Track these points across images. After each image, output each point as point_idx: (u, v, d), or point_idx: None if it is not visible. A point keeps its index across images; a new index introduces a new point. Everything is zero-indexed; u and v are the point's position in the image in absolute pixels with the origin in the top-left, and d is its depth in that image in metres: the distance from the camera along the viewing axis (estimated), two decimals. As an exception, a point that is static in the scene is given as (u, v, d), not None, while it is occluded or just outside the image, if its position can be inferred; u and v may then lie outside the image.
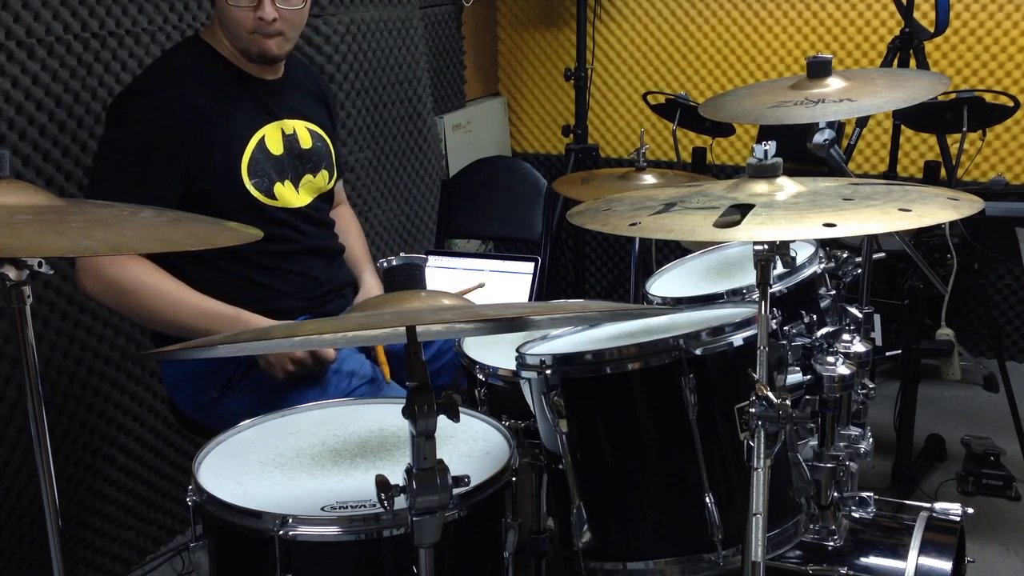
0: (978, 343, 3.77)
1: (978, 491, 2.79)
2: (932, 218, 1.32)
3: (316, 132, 2.15)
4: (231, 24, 1.94)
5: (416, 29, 3.47)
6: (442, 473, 1.19)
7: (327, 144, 2.17)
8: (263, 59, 1.99)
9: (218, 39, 2.00)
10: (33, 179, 2.16)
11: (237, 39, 1.96)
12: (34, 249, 1.19)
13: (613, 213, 1.51)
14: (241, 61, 2.01)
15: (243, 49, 1.97)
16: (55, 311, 2.25)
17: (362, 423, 1.63)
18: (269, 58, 1.99)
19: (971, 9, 3.51)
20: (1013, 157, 3.60)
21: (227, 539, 1.38)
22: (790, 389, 1.49)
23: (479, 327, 1.49)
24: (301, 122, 2.11)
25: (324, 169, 2.14)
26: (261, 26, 1.92)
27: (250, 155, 1.98)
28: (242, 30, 1.93)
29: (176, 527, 2.69)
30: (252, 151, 1.98)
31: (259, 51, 1.96)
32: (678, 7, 3.94)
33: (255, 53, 1.97)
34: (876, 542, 1.73)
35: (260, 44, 1.95)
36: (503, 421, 1.67)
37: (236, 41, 1.96)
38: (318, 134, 2.15)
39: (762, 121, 1.94)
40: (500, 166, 3.30)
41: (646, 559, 1.57)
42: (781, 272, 1.80)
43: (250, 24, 1.92)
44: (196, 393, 2.03)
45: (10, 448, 2.16)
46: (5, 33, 2.08)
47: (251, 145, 1.99)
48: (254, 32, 1.93)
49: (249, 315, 1.91)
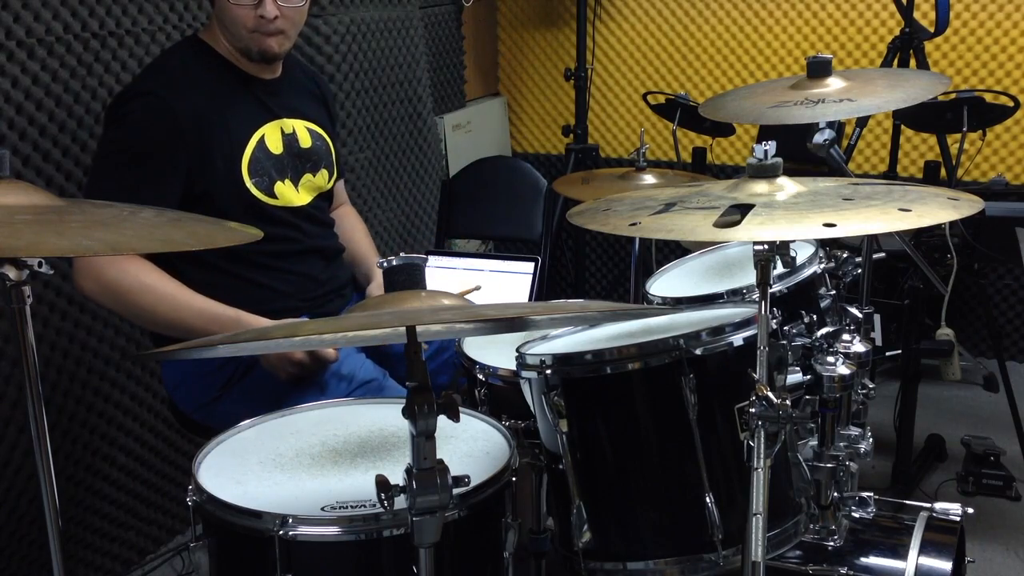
0: (978, 343, 3.77)
1: (978, 491, 2.79)
2: (932, 218, 1.32)
3: (315, 131, 2.15)
4: (231, 23, 1.93)
5: (416, 29, 3.47)
6: (442, 473, 1.19)
7: (327, 143, 2.17)
8: (264, 58, 1.98)
9: (217, 39, 2.00)
10: (33, 179, 2.16)
11: (237, 38, 1.96)
12: (34, 249, 1.19)
13: (613, 213, 1.51)
14: (240, 61, 2.00)
15: (243, 48, 1.97)
16: (55, 311, 2.25)
17: (362, 423, 1.63)
18: (270, 56, 1.98)
19: (971, 9, 3.51)
20: (1013, 157, 3.60)
21: (227, 539, 1.38)
22: (790, 389, 1.49)
23: (479, 327, 1.49)
24: (300, 121, 2.11)
25: (324, 168, 2.15)
26: (262, 24, 1.92)
27: (250, 154, 1.98)
28: (243, 28, 1.93)
29: (176, 527, 2.69)
30: (252, 150, 1.98)
31: (260, 49, 1.96)
32: (678, 7, 3.94)
33: (256, 52, 1.97)
34: (876, 542, 1.73)
35: (261, 42, 1.95)
36: (503, 421, 1.66)
37: (236, 40, 1.96)
38: (317, 133, 2.15)
39: (762, 121, 1.94)
40: (500, 166, 3.30)
41: (646, 559, 1.57)
42: (781, 272, 1.80)
43: (251, 22, 1.92)
44: (196, 393, 2.03)
45: (10, 448, 2.16)
46: (5, 33, 2.08)
47: (251, 144, 1.99)
48: (255, 31, 1.93)
49: (249, 316, 1.90)
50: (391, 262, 1.32)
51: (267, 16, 1.91)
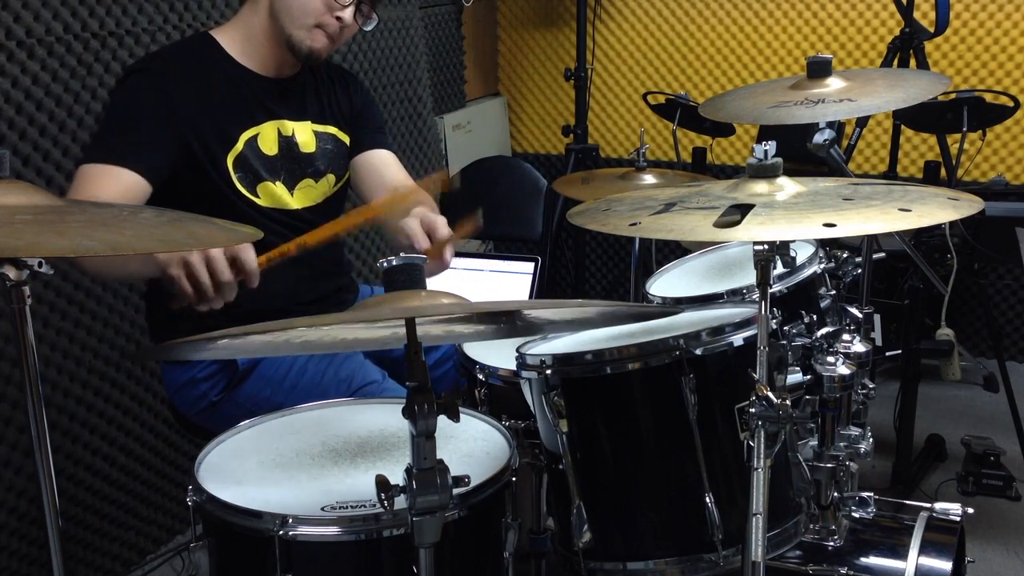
0: (978, 343, 3.77)
1: (978, 491, 2.79)
2: (932, 218, 1.32)
3: (326, 133, 2.09)
4: (299, 8, 1.89)
5: (416, 29, 3.47)
6: (442, 473, 1.19)
7: (340, 144, 2.12)
8: (309, 57, 1.94)
9: (230, 36, 1.97)
10: (33, 179, 2.16)
11: (295, 25, 1.90)
12: (34, 249, 1.19)
13: (613, 213, 1.51)
14: (251, 59, 1.97)
15: (294, 39, 1.91)
16: (55, 311, 2.25)
17: (362, 423, 1.63)
18: (315, 57, 1.94)
19: (971, 9, 3.51)
20: (1013, 157, 3.60)
21: (227, 539, 1.38)
22: (790, 389, 1.49)
23: (480, 332, 1.48)
24: (306, 124, 2.06)
25: (330, 173, 2.09)
26: (330, 24, 1.89)
27: (239, 151, 1.94)
28: (308, 18, 1.89)
29: (176, 527, 2.69)
30: (242, 148, 1.95)
31: (311, 47, 1.91)
32: (678, 7, 3.94)
33: (306, 48, 1.92)
34: (876, 542, 1.73)
35: (317, 39, 1.91)
36: (503, 421, 1.66)
37: (292, 26, 1.90)
38: (328, 135, 2.09)
39: (762, 121, 1.94)
40: (500, 166, 3.30)
41: (646, 559, 1.57)
42: (781, 272, 1.80)
43: (320, 18, 1.89)
44: (197, 396, 2.03)
45: (10, 448, 2.16)
46: (5, 33, 2.08)
47: (241, 141, 1.95)
48: (318, 26, 1.90)
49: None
50: (391, 262, 1.32)
51: (345, 21, 1.89)
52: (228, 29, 2.00)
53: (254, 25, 1.96)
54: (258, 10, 1.96)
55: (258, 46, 1.97)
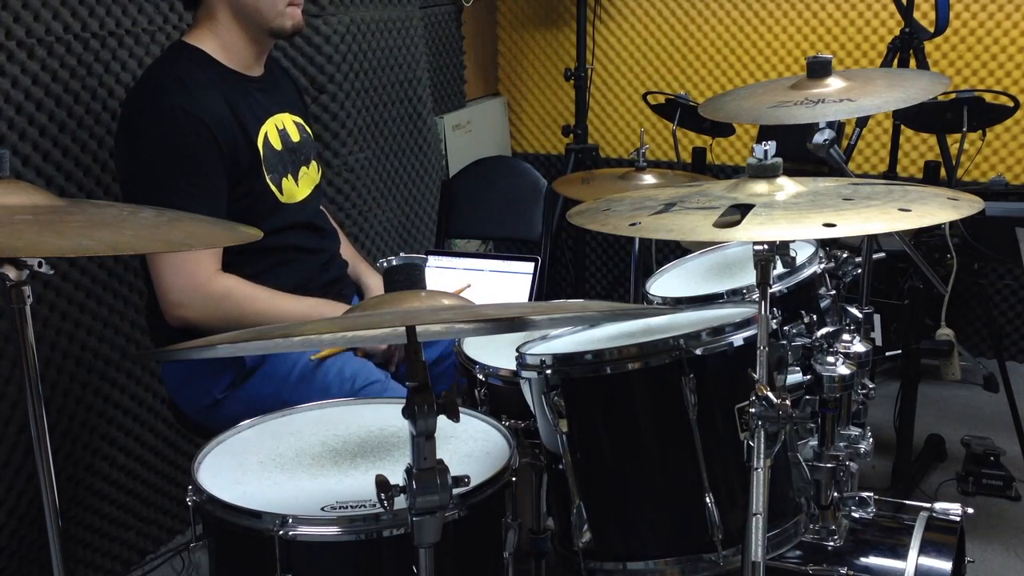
0: (978, 343, 3.77)
1: (978, 491, 2.79)
2: (932, 218, 1.32)
3: (300, 124, 2.15)
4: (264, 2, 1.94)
5: (416, 29, 3.47)
6: (442, 473, 1.19)
7: (310, 136, 2.19)
8: (295, 32, 2.01)
9: (205, 40, 1.97)
10: (33, 179, 2.15)
11: (269, 17, 1.96)
12: (34, 249, 1.20)
13: (613, 213, 1.51)
14: (234, 61, 1.99)
15: (275, 27, 1.98)
16: (55, 311, 2.25)
17: (362, 423, 1.63)
18: (300, 29, 2.01)
19: (971, 9, 3.51)
20: (1013, 157, 3.60)
21: (227, 539, 1.39)
22: (790, 389, 1.50)
23: (479, 327, 1.49)
24: (288, 116, 2.12)
25: (313, 160, 2.16)
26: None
27: (263, 155, 1.98)
28: (279, 3, 1.95)
29: (176, 527, 2.69)
30: (262, 149, 1.99)
31: (294, 23, 1.99)
32: (678, 7, 3.94)
33: (289, 27, 1.99)
34: (876, 542, 1.73)
35: (296, 15, 1.98)
36: (503, 421, 1.67)
37: (267, 19, 1.96)
38: (302, 126, 2.16)
39: (762, 121, 1.94)
40: (500, 166, 3.30)
41: (646, 559, 1.57)
42: (781, 272, 1.80)
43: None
44: (198, 396, 2.03)
45: (10, 448, 2.16)
46: (5, 33, 2.08)
47: (260, 144, 1.99)
48: (291, 3, 1.96)
49: (326, 304, 2.01)
50: (391, 262, 1.32)
51: None
52: (201, 36, 1.99)
53: (222, 29, 1.98)
54: (217, 16, 1.98)
55: (234, 47, 2.00)
